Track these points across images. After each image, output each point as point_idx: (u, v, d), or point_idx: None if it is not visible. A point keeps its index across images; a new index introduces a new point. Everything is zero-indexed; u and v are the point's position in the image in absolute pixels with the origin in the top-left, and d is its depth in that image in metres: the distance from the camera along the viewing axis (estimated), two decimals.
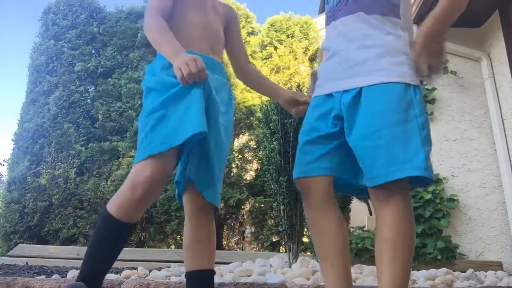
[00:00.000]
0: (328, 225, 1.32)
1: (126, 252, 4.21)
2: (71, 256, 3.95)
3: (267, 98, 3.36)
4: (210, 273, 1.43)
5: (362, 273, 2.49)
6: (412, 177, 1.18)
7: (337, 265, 1.29)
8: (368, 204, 4.37)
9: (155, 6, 1.43)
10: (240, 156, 6.21)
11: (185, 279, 1.47)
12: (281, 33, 8.27)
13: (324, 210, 1.33)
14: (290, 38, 7.93)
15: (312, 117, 1.38)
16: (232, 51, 1.67)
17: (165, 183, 1.36)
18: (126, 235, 1.36)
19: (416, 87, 1.27)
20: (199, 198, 1.41)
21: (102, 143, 6.02)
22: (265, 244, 5.92)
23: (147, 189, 1.26)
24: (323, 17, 1.81)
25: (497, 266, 3.23)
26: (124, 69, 6.46)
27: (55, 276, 2.34)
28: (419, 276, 2.40)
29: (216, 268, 2.52)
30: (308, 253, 3.87)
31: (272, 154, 2.94)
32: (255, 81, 1.70)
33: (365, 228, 3.45)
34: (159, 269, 2.70)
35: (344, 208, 3.13)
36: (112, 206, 1.30)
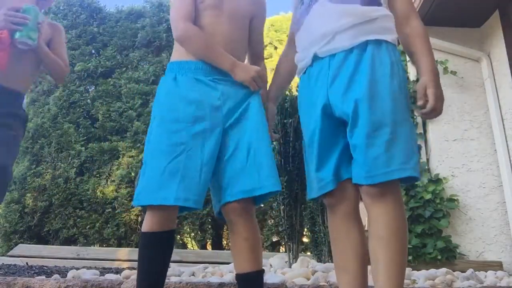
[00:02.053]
0: (351, 238, 1.31)
1: (126, 252, 4.21)
2: (71, 256, 3.95)
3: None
4: (244, 276, 1.42)
5: None
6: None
7: (356, 279, 1.29)
8: None
9: (182, 12, 1.47)
10: None
11: (185, 279, 1.48)
12: (281, 33, 8.28)
13: (350, 222, 1.33)
14: None
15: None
16: (250, 44, 1.65)
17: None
18: (160, 244, 1.39)
19: None
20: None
21: (102, 143, 6.02)
22: (265, 244, 5.93)
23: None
24: None
25: (497, 266, 3.23)
26: (124, 69, 6.47)
27: (55, 276, 2.34)
28: (419, 276, 2.39)
29: (216, 268, 2.53)
30: (308, 253, 3.87)
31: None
32: None
33: (366, 228, 3.45)
34: None
35: None
36: (143, 225, 1.38)
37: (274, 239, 6.06)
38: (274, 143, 2.95)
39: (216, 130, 1.42)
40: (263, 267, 1.45)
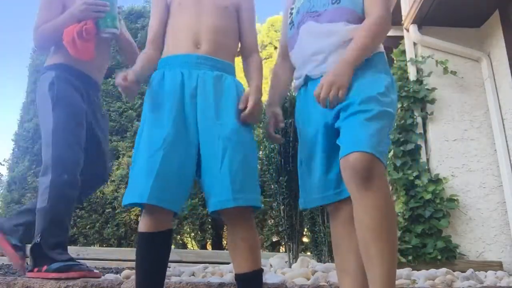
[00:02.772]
0: (353, 241, 1.32)
1: (126, 252, 4.21)
2: None
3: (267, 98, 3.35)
4: (243, 276, 1.41)
5: None
6: None
7: (357, 281, 1.31)
8: None
9: (148, 32, 1.61)
10: None
11: (185, 279, 1.48)
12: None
13: (351, 226, 1.33)
14: None
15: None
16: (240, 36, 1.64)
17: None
18: (156, 244, 1.40)
19: None
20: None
21: None
22: (265, 244, 5.93)
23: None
24: None
25: (497, 266, 3.23)
26: (124, 69, 6.46)
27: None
28: (419, 276, 2.39)
29: (216, 268, 2.53)
30: (308, 253, 3.87)
31: (272, 154, 2.94)
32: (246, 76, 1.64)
33: None
34: None
35: None
36: (139, 225, 1.39)
37: (274, 239, 6.06)
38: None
39: (194, 131, 1.41)
40: (262, 267, 1.45)
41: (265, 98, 1.66)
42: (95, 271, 1.92)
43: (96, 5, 2.00)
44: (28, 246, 1.97)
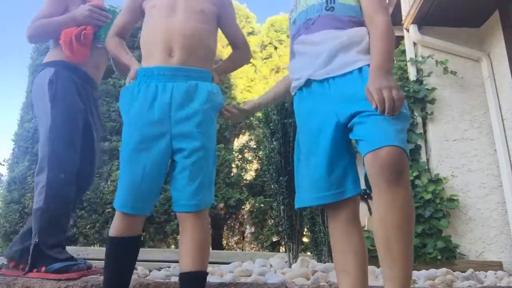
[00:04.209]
0: (352, 241, 1.33)
1: None
2: None
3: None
4: (185, 276, 1.42)
5: None
6: None
7: (356, 281, 1.31)
8: (368, 204, 4.37)
9: (114, 25, 1.78)
10: (240, 156, 6.21)
11: None
12: (281, 33, 8.28)
13: (350, 226, 1.34)
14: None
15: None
16: (227, 38, 1.81)
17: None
18: (124, 250, 1.51)
19: None
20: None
21: (102, 143, 6.02)
22: (265, 244, 5.93)
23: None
24: None
25: (497, 266, 3.23)
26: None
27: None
28: (419, 276, 2.39)
29: (216, 268, 2.53)
30: (308, 253, 3.87)
31: (272, 154, 2.95)
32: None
33: (365, 228, 3.45)
34: (159, 269, 2.70)
35: None
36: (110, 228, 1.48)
37: (274, 239, 6.06)
38: (274, 143, 2.95)
39: (165, 137, 1.45)
40: (207, 271, 1.46)
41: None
42: (94, 268, 1.92)
43: (100, 14, 2.04)
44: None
